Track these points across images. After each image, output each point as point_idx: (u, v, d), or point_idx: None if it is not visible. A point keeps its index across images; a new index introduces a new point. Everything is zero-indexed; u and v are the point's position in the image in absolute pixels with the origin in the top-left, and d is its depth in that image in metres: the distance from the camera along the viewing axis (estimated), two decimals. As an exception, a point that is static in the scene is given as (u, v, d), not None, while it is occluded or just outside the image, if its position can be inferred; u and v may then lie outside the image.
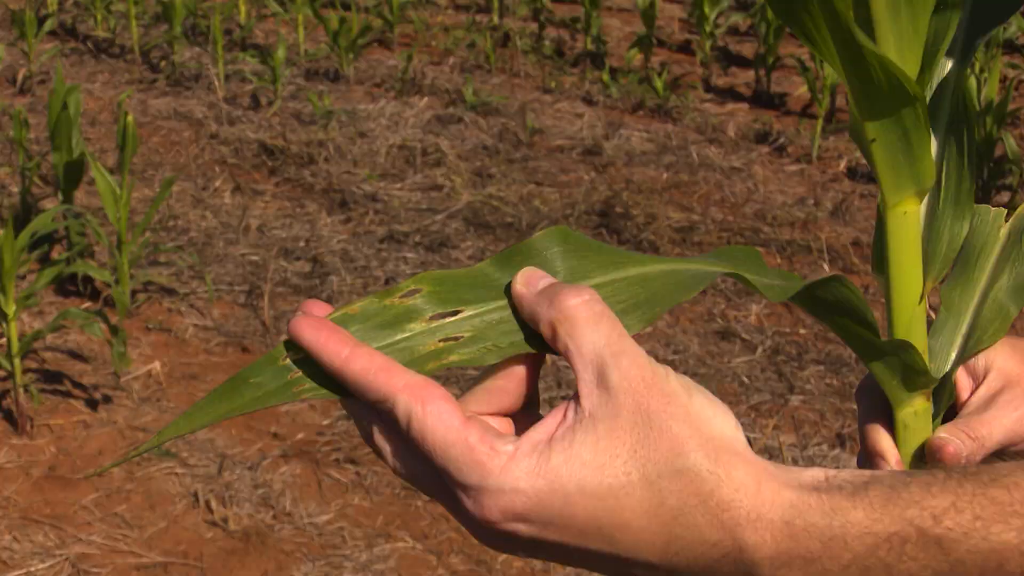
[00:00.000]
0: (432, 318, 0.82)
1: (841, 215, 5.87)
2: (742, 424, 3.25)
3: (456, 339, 0.82)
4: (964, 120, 0.97)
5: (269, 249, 5.50)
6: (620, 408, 0.76)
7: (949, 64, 0.98)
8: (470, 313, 0.83)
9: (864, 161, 6.52)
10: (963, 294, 1.03)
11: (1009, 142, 5.75)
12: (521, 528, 0.77)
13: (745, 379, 4.49)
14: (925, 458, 0.97)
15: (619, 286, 0.85)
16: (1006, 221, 1.05)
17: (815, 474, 0.78)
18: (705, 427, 0.77)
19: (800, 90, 7.68)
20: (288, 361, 0.81)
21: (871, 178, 6.35)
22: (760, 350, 4.69)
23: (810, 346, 4.72)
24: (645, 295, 0.85)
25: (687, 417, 0.77)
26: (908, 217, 0.92)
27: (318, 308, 0.82)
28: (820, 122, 6.73)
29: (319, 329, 0.79)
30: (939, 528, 0.75)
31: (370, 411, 0.80)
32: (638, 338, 4.77)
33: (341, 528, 3.74)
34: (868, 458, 0.99)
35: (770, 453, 4.03)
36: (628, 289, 0.85)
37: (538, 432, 0.78)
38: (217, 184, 6.27)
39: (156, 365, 4.54)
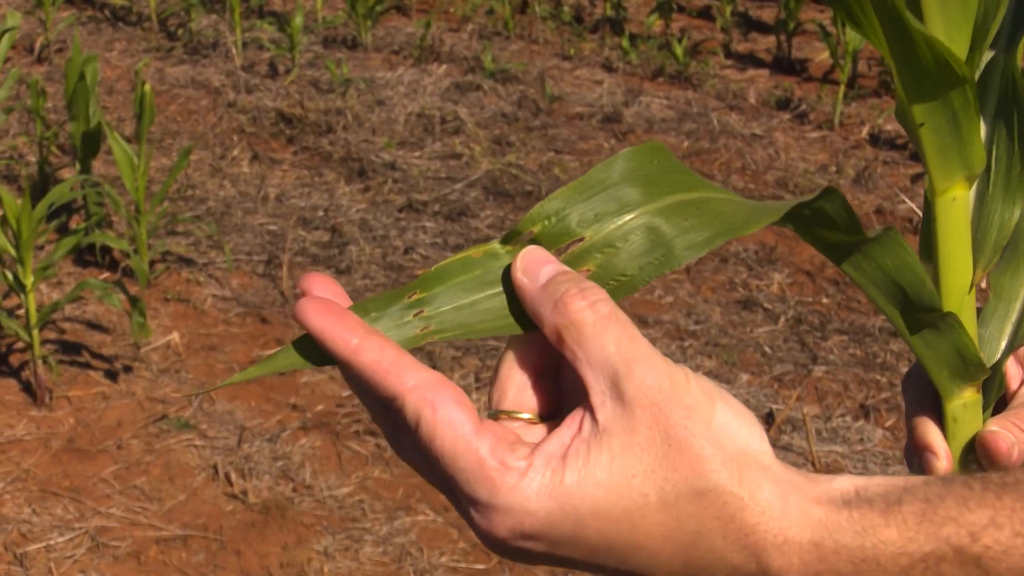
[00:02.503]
0: (558, 252, 0.79)
1: (864, 182, 5.82)
2: (764, 395, 3.25)
3: (585, 272, 0.78)
4: (1014, 103, 0.93)
5: (287, 218, 5.47)
6: (636, 423, 0.72)
7: (998, 45, 0.95)
8: (591, 240, 0.79)
9: (887, 128, 6.48)
10: (1013, 280, 0.99)
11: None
12: (531, 545, 0.73)
13: (767, 349, 4.46)
14: (976, 452, 0.94)
15: (724, 200, 0.82)
16: None
17: (845, 487, 0.73)
18: (728, 442, 0.72)
19: (821, 56, 7.61)
20: (415, 298, 0.78)
21: (893, 145, 6.29)
22: (783, 320, 4.65)
23: (833, 316, 4.68)
24: (745, 211, 0.81)
25: (708, 432, 0.72)
26: (957, 203, 0.89)
27: (320, 285, 0.76)
28: (842, 88, 6.66)
29: (325, 313, 0.74)
30: (977, 546, 0.71)
31: (379, 403, 0.76)
32: (660, 307, 4.73)
33: (361, 501, 3.72)
34: (916, 451, 0.95)
35: (793, 424, 4.01)
36: (730, 204, 0.82)
37: (552, 445, 0.73)
38: (235, 153, 6.24)
39: (175, 336, 4.52)
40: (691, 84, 7.24)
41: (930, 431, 0.94)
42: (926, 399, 0.96)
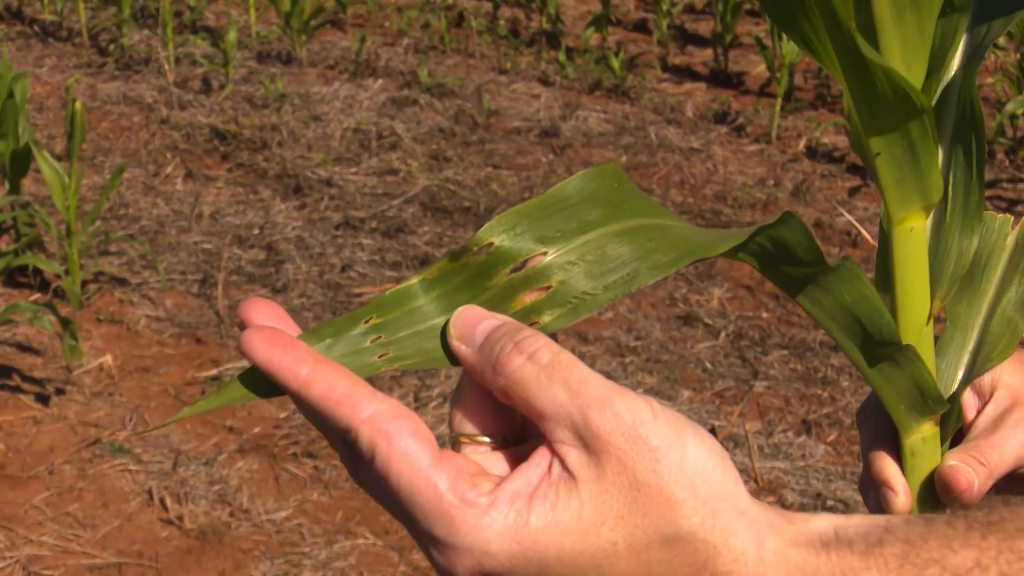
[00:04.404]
0: (513, 271, 0.75)
1: (802, 195, 5.82)
2: (706, 411, 3.21)
3: (545, 289, 0.75)
4: (972, 127, 0.90)
5: (223, 237, 5.40)
6: (604, 470, 0.68)
7: (954, 68, 0.92)
8: (554, 256, 0.75)
9: (824, 140, 6.49)
10: (969, 308, 0.97)
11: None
12: None
13: (709, 365, 4.43)
14: (936, 487, 0.91)
15: (683, 227, 0.79)
16: (1012, 228, 0.99)
17: (823, 527, 0.70)
18: (702, 485, 0.69)
19: (758, 69, 7.62)
20: (372, 323, 0.74)
21: (831, 158, 6.30)
22: (723, 335, 4.63)
23: (773, 330, 4.66)
24: (707, 236, 0.78)
25: (679, 475, 0.68)
26: (914, 233, 0.86)
27: (262, 311, 0.72)
28: (779, 101, 6.67)
29: (272, 344, 0.70)
30: None
31: (334, 434, 0.72)
32: (600, 324, 4.68)
33: (300, 525, 3.66)
34: (874, 487, 0.93)
35: (735, 441, 3.98)
36: (690, 230, 0.79)
37: (517, 483, 0.69)
38: (168, 170, 6.16)
39: (108, 358, 4.44)
40: (628, 98, 7.23)
41: (887, 466, 0.92)
42: (883, 433, 0.93)
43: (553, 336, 0.74)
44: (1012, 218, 0.99)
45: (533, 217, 0.77)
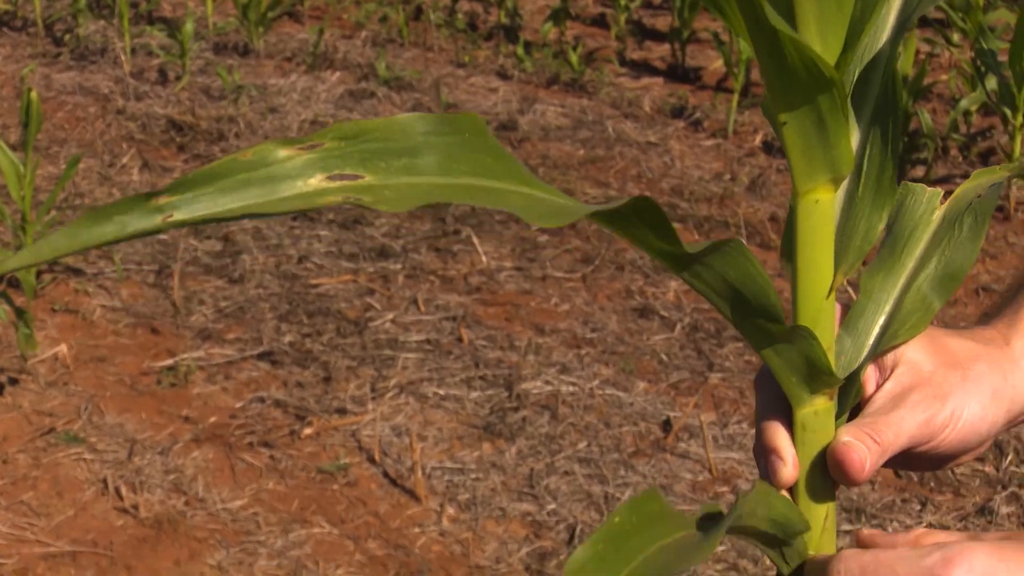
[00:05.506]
0: (331, 178, 0.76)
1: (758, 190, 5.85)
2: (661, 402, 3.23)
3: (353, 201, 0.75)
4: (892, 103, 0.91)
5: (178, 227, 5.37)
6: None
7: (881, 42, 0.92)
8: (371, 181, 0.76)
9: (780, 136, 6.51)
10: (885, 281, 0.97)
11: (924, 117, 5.75)
12: None
13: (664, 357, 4.45)
14: (827, 462, 0.91)
15: (520, 195, 0.79)
16: (942, 203, 0.99)
17: None
18: None
19: (715, 64, 7.64)
20: (163, 201, 0.75)
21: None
22: (679, 327, 4.65)
23: (728, 323, 4.68)
24: (539, 208, 0.78)
25: None
26: (820, 205, 0.86)
27: None
28: (736, 96, 6.69)
29: None
30: None
31: None
32: (556, 315, 4.66)
33: (255, 514, 3.66)
34: (763, 454, 0.92)
35: (690, 432, 4.00)
36: (526, 199, 0.79)
37: None
38: (124, 161, 6.13)
39: (63, 348, 4.43)
40: (586, 92, 7.24)
41: (778, 435, 0.91)
42: (776, 402, 0.93)
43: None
44: (942, 192, 0.99)
45: (371, 138, 0.77)
